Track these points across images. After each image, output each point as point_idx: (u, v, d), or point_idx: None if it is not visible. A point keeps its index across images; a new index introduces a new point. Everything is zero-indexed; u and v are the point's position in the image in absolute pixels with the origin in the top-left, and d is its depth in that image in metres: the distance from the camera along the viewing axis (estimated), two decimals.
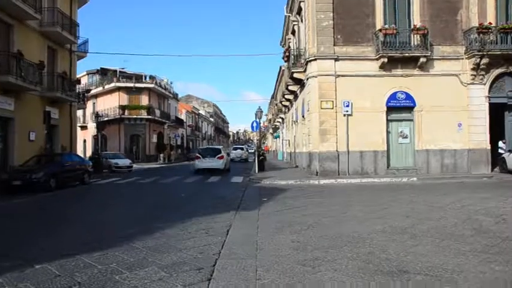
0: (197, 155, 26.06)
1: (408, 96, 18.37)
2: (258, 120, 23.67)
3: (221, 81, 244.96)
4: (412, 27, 18.03)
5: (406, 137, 18.71)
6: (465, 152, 18.43)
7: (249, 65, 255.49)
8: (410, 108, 18.55)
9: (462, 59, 18.34)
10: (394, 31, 17.64)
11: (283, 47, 29.60)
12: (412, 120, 18.64)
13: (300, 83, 22.02)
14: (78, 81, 25.13)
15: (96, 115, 27.79)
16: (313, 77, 18.49)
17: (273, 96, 53.28)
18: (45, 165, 15.60)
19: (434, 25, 18.20)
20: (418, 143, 18.44)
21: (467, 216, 8.22)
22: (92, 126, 46.57)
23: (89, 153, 47.95)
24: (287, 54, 22.07)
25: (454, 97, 18.32)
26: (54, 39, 22.74)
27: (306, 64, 19.30)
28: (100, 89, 45.72)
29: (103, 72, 46.96)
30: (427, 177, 17.07)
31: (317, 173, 18.12)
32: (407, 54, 17.80)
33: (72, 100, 24.84)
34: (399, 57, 17.90)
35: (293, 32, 25.95)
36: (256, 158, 22.71)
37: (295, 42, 24.75)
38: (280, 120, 44.16)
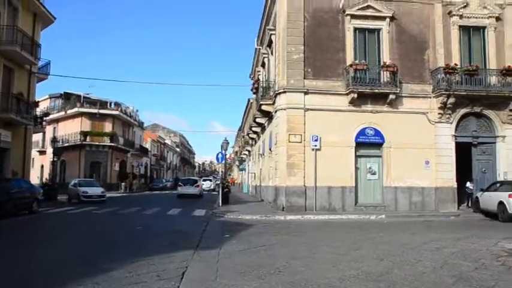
0: (179, 183, 33.99)
1: (377, 133, 18.20)
2: (223, 151, 22.93)
3: (189, 112, 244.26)
4: (381, 64, 18.07)
5: (374, 174, 18.40)
6: (432, 190, 18.26)
7: (217, 97, 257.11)
8: (379, 145, 18.35)
9: (430, 97, 18.46)
10: (365, 67, 17.60)
11: (252, 79, 29.39)
12: (380, 156, 18.43)
13: (268, 115, 21.59)
14: (36, 104, 23.75)
15: (53, 140, 26.14)
16: (282, 109, 18.08)
17: (240, 129, 52.89)
18: None
19: (403, 63, 18.34)
20: (387, 180, 18.16)
21: (444, 260, 7.65)
22: (50, 151, 44.50)
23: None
24: (256, 86, 21.73)
25: (422, 135, 18.29)
26: (11, 58, 21.51)
27: (275, 96, 18.92)
28: (62, 113, 43.94)
29: (66, 97, 45.29)
30: (395, 215, 16.68)
31: (283, 208, 17.42)
32: (377, 91, 17.74)
33: (28, 123, 23.37)
34: (369, 93, 17.81)
35: (263, 65, 25.78)
36: (221, 191, 21.79)
37: (265, 75, 24.54)
38: (246, 152, 43.59)
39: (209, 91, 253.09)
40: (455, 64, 17.93)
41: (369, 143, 18.29)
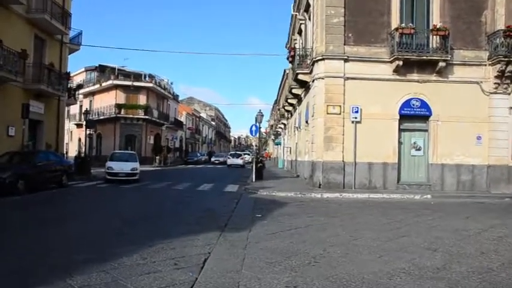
0: (228, 156, 47.26)
1: (424, 104, 16.62)
2: (257, 124, 21.93)
3: (225, 86, 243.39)
4: (431, 27, 16.31)
5: (419, 149, 16.93)
6: (484, 168, 16.64)
7: (253, 71, 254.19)
8: (425, 118, 16.79)
9: (485, 65, 16.60)
10: (412, 31, 15.91)
11: (288, 49, 27.83)
12: (427, 130, 16.88)
13: (305, 85, 20.30)
14: (68, 75, 23.39)
15: (86, 112, 25.91)
16: (319, 78, 16.76)
17: (276, 102, 51.57)
18: (14, 165, 13.83)
19: (455, 27, 16.49)
20: (433, 156, 16.66)
21: None
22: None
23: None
24: (292, 54, 20.35)
25: (474, 107, 16.57)
26: (42, 28, 21.10)
27: (313, 64, 17.58)
28: (97, 86, 44.14)
29: (101, 70, 45.34)
30: (442, 195, 15.28)
31: (320, 185, 16.35)
32: (425, 57, 16.06)
33: (60, 95, 23.17)
34: (416, 60, 16.18)
35: (299, 32, 24.29)
36: (254, 165, 20.92)
37: (302, 43, 23.07)
38: (282, 126, 42.44)
39: (245, 65, 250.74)
40: None
41: (414, 116, 16.77)
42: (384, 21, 16.72)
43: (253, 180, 20.33)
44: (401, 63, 16.06)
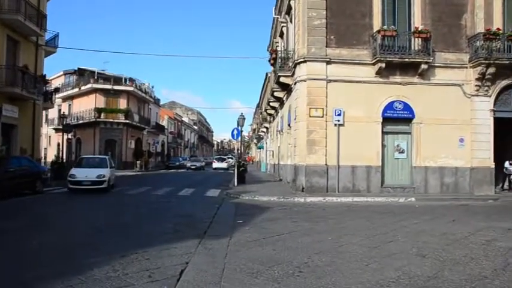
0: (214, 160, 52.93)
1: (406, 107, 16.52)
2: (239, 128, 21.57)
3: (207, 90, 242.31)
4: (412, 30, 16.25)
5: (402, 152, 16.82)
6: (467, 170, 16.61)
7: (236, 75, 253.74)
8: (408, 120, 16.70)
9: (466, 67, 16.61)
10: (394, 33, 15.81)
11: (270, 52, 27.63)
12: (410, 133, 16.78)
13: (287, 88, 20.04)
14: (43, 78, 22.62)
15: (62, 116, 25.15)
16: (301, 81, 16.52)
17: (258, 105, 51.33)
18: None
19: (436, 29, 16.45)
20: (416, 159, 16.56)
21: (504, 258, 6.24)
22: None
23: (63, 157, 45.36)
24: (274, 56, 20.11)
25: (457, 109, 16.55)
26: (15, 29, 20.38)
27: (295, 67, 17.34)
28: (76, 90, 43.15)
29: (80, 73, 44.35)
30: (426, 198, 15.17)
31: (303, 188, 16.07)
32: (407, 60, 15.97)
33: (36, 98, 22.39)
34: (398, 63, 16.08)
35: (281, 35, 24.07)
36: (236, 170, 20.53)
37: (283, 46, 22.84)
38: (264, 129, 42.16)
39: (228, 69, 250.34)
40: (498, 29, 15.95)
41: (397, 118, 16.64)
42: (366, 24, 16.59)
43: (235, 184, 19.95)
44: (383, 65, 15.95)
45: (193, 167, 46.01)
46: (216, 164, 48.12)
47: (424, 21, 16.45)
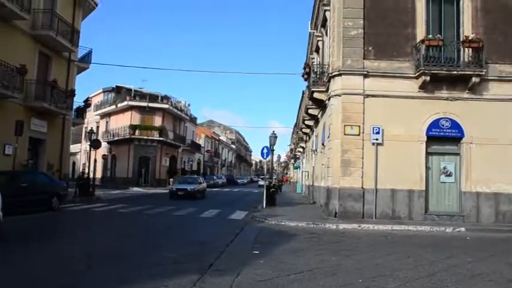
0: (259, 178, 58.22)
1: (455, 125, 14.72)
2: (269, 146, 20.30)
3: (246, 110, 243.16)
4: (462, 39, 14.57)
5: (450, 175, 14.92)
6: None
7: (276, 95, 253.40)
8: (456, 140, 14.85)
9: None
10: (440, 43, 14.19)
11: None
12: (458, 154, 14.90)
13: (321, 105, 18.68)
14: (73, 93, 22.40)
15: (90, 132, 24.88)
16: (336, 95, 15.13)
17: (296, 125, 49.98)
18: None
19: (489, 38, 14.66)
20: (466, 183, 14.62)
21: None
22: (103, 146, 44.30)
23: (98, 173, 45.70)
24: (307, 70, 18.88)
25: None
26: (47, 44, 20.37)
27: (329, 81, 16.01)
28: (113, 107, 43.62)
29: (118, 91, 44.98)
30: (478, 228, 13.18)
31: (336, 213, 14.50)
32: (455, 72, 14.25)
33: (65, 113, 22.25)
34: (445, 76, 14.39)
35: (317, 50, 22.82)
36: (265, 191, 19.17)
37: (319, 61, 21.55)
38: (300, 149, 40.74)
39: (269, 89, 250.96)
40: None
41: (443, 137, 14.84)
42: (408, 33, 15.08)
43: (264, 206, 18.58)
44: (428, 78, 14.30)
45: (180, 193, 24.99)
46: (261, 182, 49.00)
47: (475, 29, 14.73)
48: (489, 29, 14.84)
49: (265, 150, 19.98)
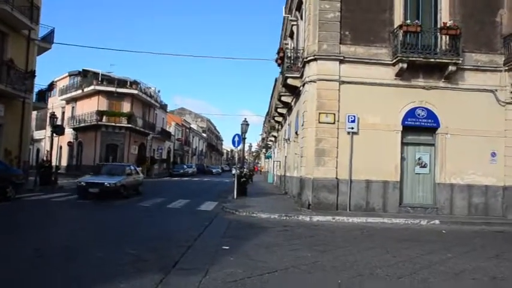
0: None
1: (430, 114, 14.43)
2: (241, 134, 19.57)
3: (219, 99, 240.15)
4: (439, 26, 14.22)
5: (425, 166, 14.68)
6: (499, 189, 14.39)
7: (248, 84, 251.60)
8: (432, 130, 14.59)
9: (500, 71, 14.49)
10: (418, 29, 13.79)
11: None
12: (433, 144, 14.66)
13: (295, 92, 18.08)
14: (32, 74, 20.93)
15: (52, 116, 23.36)
16: (311, 81, 14.54)
17: (268, 113, 49.40)
18: None
19: (466, 27, 14.38)
20: (441, 175, 14.41)
21: None
22: (68, 132, 42.49)
23: (64, 161, 43.88)
24: (281, 55, 18.18)
25: (488, 119, 14.39)
26: (3, 20, 18.81)
27: (303, 66, 15.40)
28: (79, 91, 41.74)
29: (85, 74, 42.91)
30: (452, 221, 12.96)
31: (309, 205, 14.01)
32: (432, 60, 13.91)
33: (25, 96, 20.75)
34: (422, 63, 14.03)
35: (291, 35, 22.17)
36: (236, 181, 18.49)
37: (293, 46, 20.89)
38: (272, 138, 40.17)
39: (242, 79, 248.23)
40: None
41: (419, 127, 14.54)
42: (386, 19, 14.61)
43: (235, 197, 17.92)
44: (405, 65, 13.90)
45: (93, 191, 16.11)
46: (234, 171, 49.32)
47: (453, 17, 14.39)
48: (466, 17, 14.56)
49: (236, 139, 19.24)
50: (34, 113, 43.61)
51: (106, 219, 11.44)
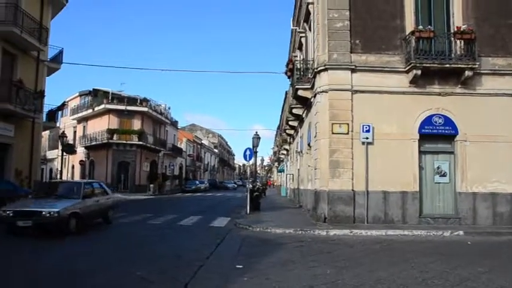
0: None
1: (448, 121, 13.92)
2: (252, 147, 19.22)
3: (230, 114, 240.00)
4: (453, 30, 13.81)
5: (444, 175, 14.11)
6: None
7: (259, 99, 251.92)
8: (450, 137, 14.06)
9: None
10: (431, 34, 13.39)
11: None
12: (452, 152, 14.10)
13: (306, 103, 17.73)
14: (41, 94, 20.96)
15: (61, 135, 23.32)
16: (322, 92, 14.17)
17: (279, 127, 49.09)
18: None
19: (481, 30, 13.93)
20: (462, 184, 13.82)
21: None
22: (80, 151, 42.71)
23: (76, 179, 43.95)
24: (290, 67, 17.88)
25: (510, 124, 13.82)
26: (12, 42, 18.91)
27: (314, 77, 15.05)
28: (90, 111, 41.97)
29: (95, 94, 43.26)
30: (477, 231, 12.34)
31: (325, 218, 13.51)
32: (447, 65, 13.45)
33: (35, 116, 20.74)
34: (436, 69, 13.58)
35: (300, 47, 21.93)
36: (249, 195, 18.06)
37: (302, 58, 20.61)
38: (284, 152, 39.77)
39: (252, 94, 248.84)
40: None
41: (437, 135, 14.03)
42: (397, 25, 14.25)
43: (248, 212, 17.48)
44: (419, 72, 13.47)
45: (23, 224, 10.62)
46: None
47: (466, 21, 13.96)
48: (480, 21, 14.10)
49: (248, 152, 18.89)
50: (46, 133, 44.33)
51: (113, 239, 11.08)
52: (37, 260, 7.98)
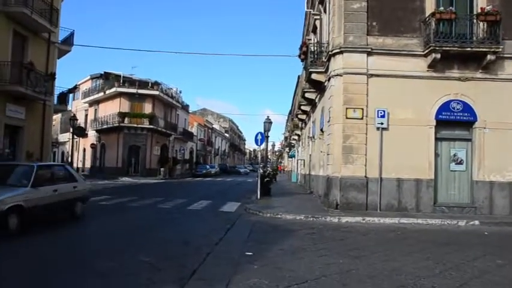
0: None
1: (467, 107, 13.44)
2: (264, 132, 18.91)
3: (241, 99, 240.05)
4: (476, 12, 13.23)
5: (461, 163, 13.69)
6: None
7: (270, 84, 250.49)
8: (468, 124, 13.60)
9: None
10: (453, 16, 12.83)
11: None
12: (470, 140, 13.65)
13: (320, 87, 17.31)
14: (52, 76, 20.82)
15: (72, 118, 23.25)
16: (337, 75, 13.76)
17: (291, 112, 48.59)
18: None
19: (506, 12, 13.30)
20: (479, 172, 13.39)
21: None
22: (92, 135, 42.83)
23: (87, 163, 44.19)
24: (304, 49, 17.40)
25: None
26: (23, 23, 18.71)
27: (328, 60, 14.62)
28: (101, 94, 41.95)
29: (106, 77, 43.16)
30: (493, 221, 11.95)
31: (337, 205, 13.24)
32: (469, 49, 12.92)
33: (45, 99, 20.65)
34: (457, 53, 13.05)
35: (314, 30, 21.37)
36: (259, 181, 17.83)
37: (316, 41, 20.09)
38: (296, 137, 39.38)
39: (264, 79, 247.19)
40: None
41: (454, 122, 13.56)
42: (416, 7, 13.70)
43: (258, 197, 17.28)
44: (438, 56, 12.95)
45: None
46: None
47: (491, 2, 13.37)
48: (505, 2, 13.49)
49: (259, 137, 18.60)
50: (58, 116, 44.55)
51: (122, 223, 10.95)
52: None
